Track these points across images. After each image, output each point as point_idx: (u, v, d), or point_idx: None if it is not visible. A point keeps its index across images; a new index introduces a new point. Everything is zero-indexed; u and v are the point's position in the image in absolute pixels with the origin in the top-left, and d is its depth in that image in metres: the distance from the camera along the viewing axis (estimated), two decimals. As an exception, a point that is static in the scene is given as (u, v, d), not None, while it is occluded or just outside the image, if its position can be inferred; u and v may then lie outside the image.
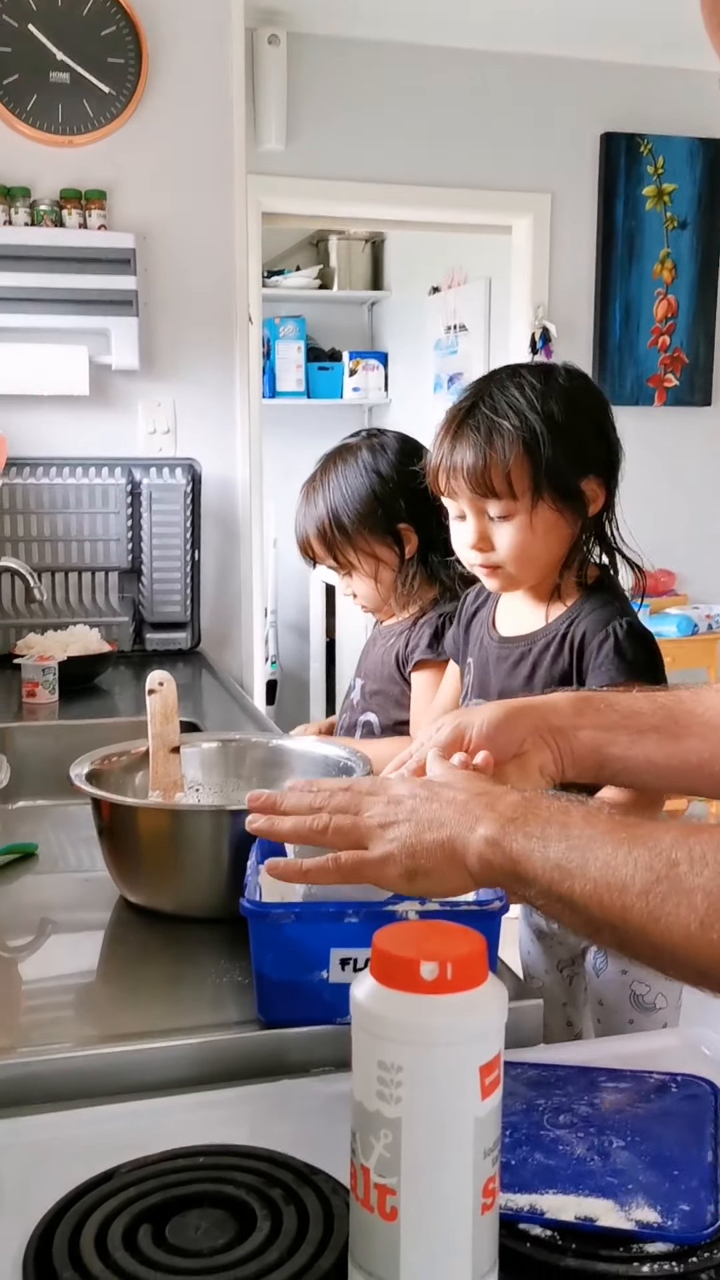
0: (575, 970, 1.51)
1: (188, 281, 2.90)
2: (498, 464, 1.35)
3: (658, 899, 0.71)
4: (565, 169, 3.88)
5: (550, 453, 1.35)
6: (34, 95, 2.72)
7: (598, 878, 0.74)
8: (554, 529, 1.39)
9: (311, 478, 1.80)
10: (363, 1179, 0.63)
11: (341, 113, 3.65)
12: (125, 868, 1.24)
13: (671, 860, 0.71)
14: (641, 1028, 1.41)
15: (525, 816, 0.81)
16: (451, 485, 1.40)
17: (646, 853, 0.73)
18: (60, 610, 2.78)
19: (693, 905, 0.70)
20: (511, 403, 1.37)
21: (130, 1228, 0.73)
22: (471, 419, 1.38)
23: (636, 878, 0.72)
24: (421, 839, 0.84)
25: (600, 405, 1.43)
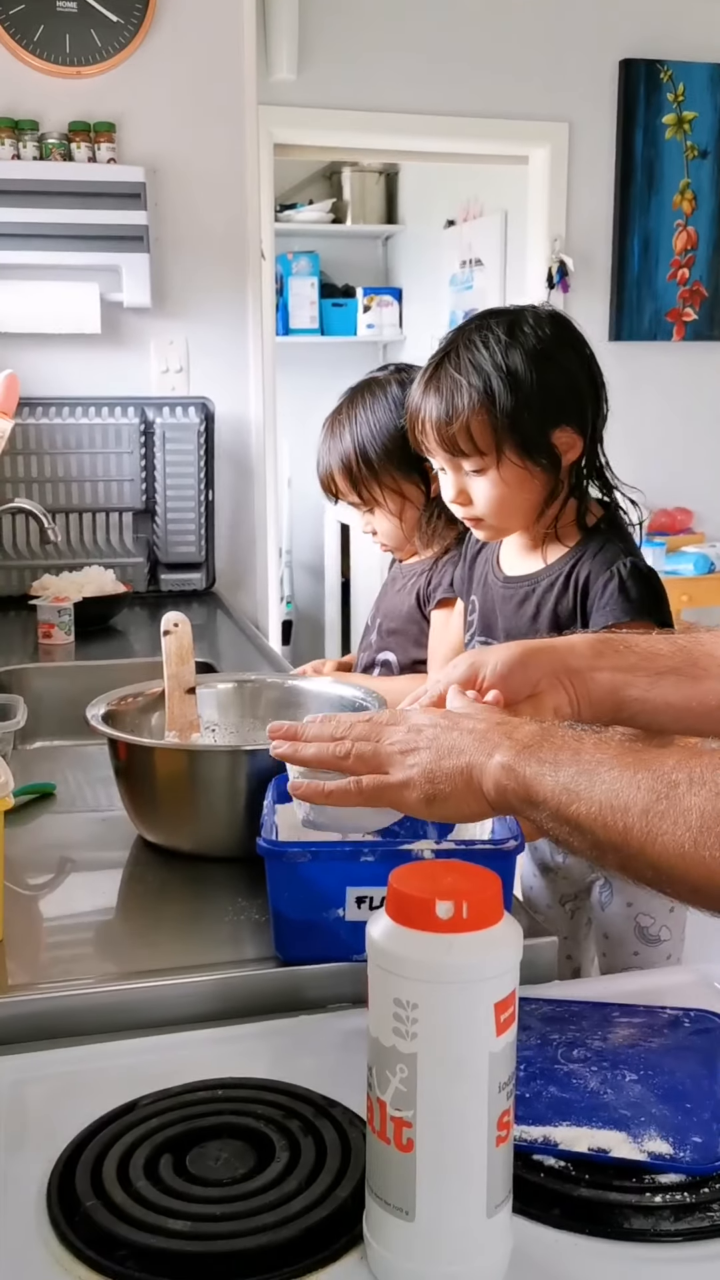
0: (578, 905, 1.52)
1: (199, 216, 2.86)
2: (460, 423, 1.36)
3: (656, 818, 0.73)
4: (583, 97, 3.79)
5: (510, 409, 1.34)
6: (41, 25, 2.67)
7: (602, 800, 0.76)
8: (527, 480, 1.39)
9: (336, 411, 1.77)
10: (379, 1112, 0.64)
11: (354, 41, 3.57)
12: (143, 807, 1.25)
13: (672, 781, 0.74)
14: (646, 960, 1.42)
15: (540, 744, 0.83)
16: (425, 442, 1.42)
17: (649, 775, 0.75)
18: (75, 551, 2.78)
19: (688, 823, 0.72)
20: (474, 359, 1.37)
21: (151, 1158, 0.74)
22: (437, 377, 1.40)
23: (638, 799, 0.74)
24: (440, 765, 0.87)
25: (575, 353, 1.41)
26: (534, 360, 1.36)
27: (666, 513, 4.02)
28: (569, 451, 1.40)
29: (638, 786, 0.75)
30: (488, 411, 1.35)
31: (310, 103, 3.57)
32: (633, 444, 3.95)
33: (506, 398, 1.35)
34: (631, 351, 3.94)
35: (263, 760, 1.17)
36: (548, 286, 3.86)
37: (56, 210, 2.66)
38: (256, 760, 1.17)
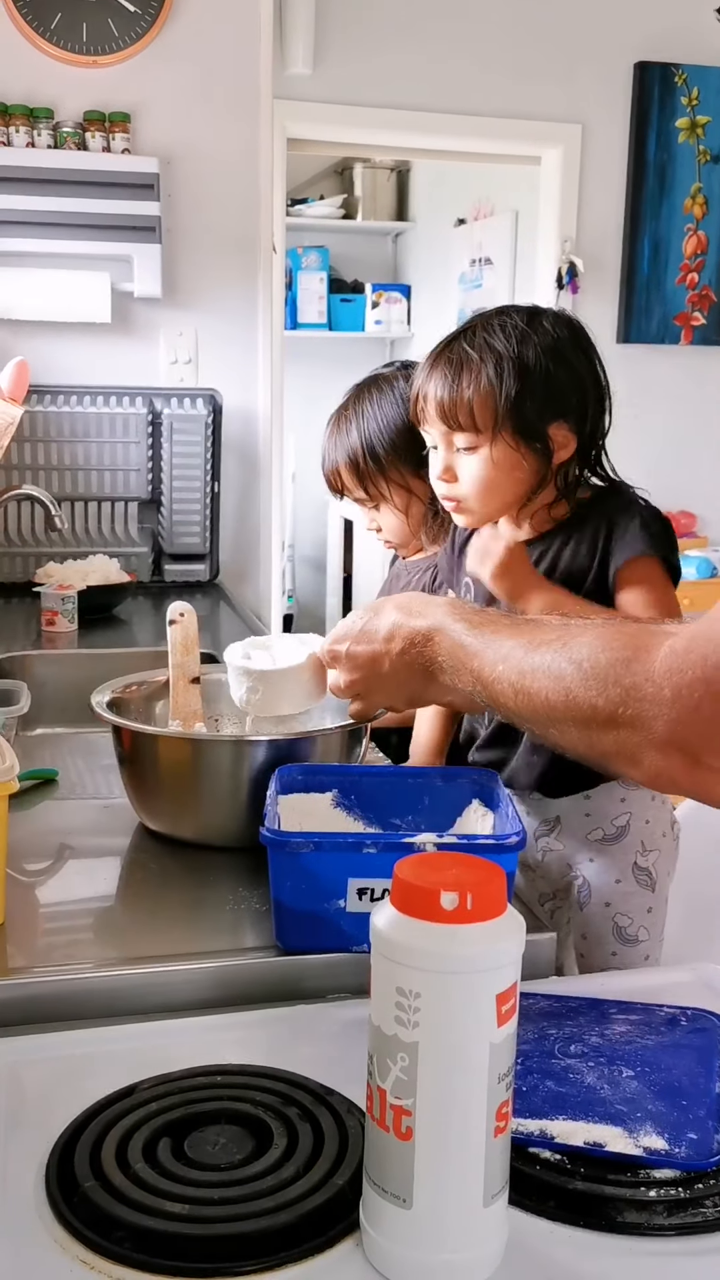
0: (558, 904, 1.52)
1: (211, 208, 2.86)
2: (464, 397, 1.38)
3: (530, 670, 0.89)
4: (597, 99, 3.79)
5: (515, 392, 1.36)
6: (59, 14, 2.67)
7: (488, 659, 0.95)
8: (516, 467, 1.40)
9: (343, 407, 1.77)
10: (379, 1100, 0.64)
11: (370, 38, 3.56)
12: (145, 796, 1.25)
13: (544, 641, 0.89)
14: (624, 960, 1.43)
15: (480, 625, 1.01)
16: (424, 414, 1.43)
17: (521, 648, 0.91)
18: (80, 540, 2.78)
19: (558, 677, 0.86)
20: (488, 340, 1.39)
21: (150, 1141, 0.75)
22: (449, 353, 1.41)
23: (512, 656, 0.91)
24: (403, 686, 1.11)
25: (585, 358, 1.43)
26: (545, 353, 1.38)
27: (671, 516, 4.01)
28: (562, 449, 1.40)
29: (504, 651, 0.94)
30: (492, 390, 1.36)
31: (324, 98, 3.56)
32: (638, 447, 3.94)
33: (512, 380, 1.36)
34: (639, 354, 3.94)
35: (265, 751, 1.17)
36: (557, 287, 3.86)
37: (70, 199, 2.66)
38: (259, 751, 1.17)
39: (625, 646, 0.82)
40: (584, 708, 0.83)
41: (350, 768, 1.23)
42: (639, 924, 1.43)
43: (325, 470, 1.77)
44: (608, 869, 1.43)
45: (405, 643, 1.08)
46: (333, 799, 1.14)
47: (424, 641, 1.06)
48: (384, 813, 1.14)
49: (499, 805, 1.07)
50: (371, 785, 1.15)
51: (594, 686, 0.82)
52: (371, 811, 1.14)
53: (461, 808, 1.13)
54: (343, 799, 1.14)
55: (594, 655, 0.84)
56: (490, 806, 1.11)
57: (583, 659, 0.84)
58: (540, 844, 1.47)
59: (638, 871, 1.43)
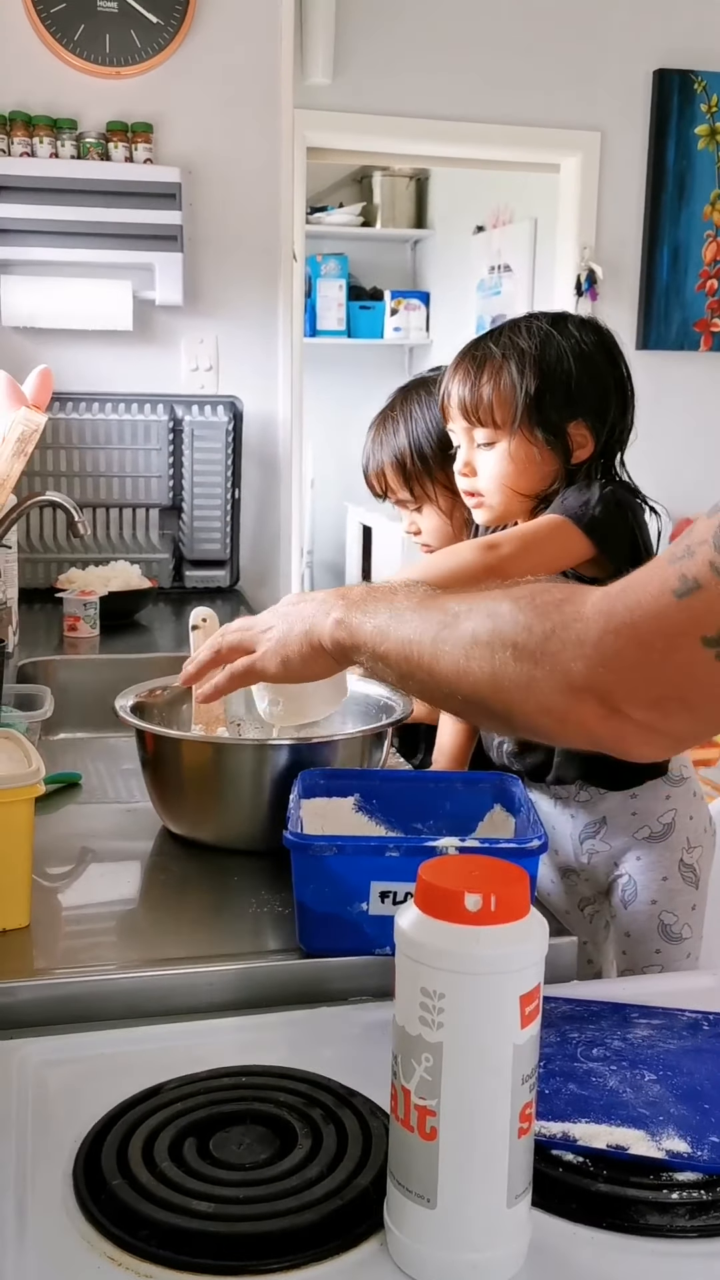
0: (597, 908, 1.53)
1: (232, 217, 2.88)
2: (483, 394, 1.42)
3: (440, 643, 0.87)
4: (616, 107, 3.79)
5: (534, 389, 1.39)
6: (81, 25, 2.69)
7: (404, 636, 0.91)
8: (532, 463, 1.42)
9: (388, 408, 1.78)
10: (403, 1100, 0.65)
11: (389, 46, 3.58)
12: (168, 799, 1.26)
13: (455, 613, 0.87)
14: (667, 958, 1.43)
15: (365, 599, 0.99)
16: (447, 411, 1.48)
17: (439, 612, 0.89)
18: (101, 546, 2.80)
19: (463, 645, 0.85)
20: (513, 340, 1.43)
21: (176, 1140, 0.76)
22: (474, 352, 1.46)
23: (428, 632, 0.88)
24: (291, 631, 1.05)
25: (610, 362, 1.45)
26: (567, 355, 1.41)
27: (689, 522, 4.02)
28: (580, 448, 1.42)
29: (429, 621, 0.89)
30: (512, 386, 1.40)
31: (344, 107, 3.58)
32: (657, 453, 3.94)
33: (532, 379, 1.39)
34: (658, 361, 3.94)
35: (288, 755, 1.18)
36: (576, 294, 3.87)
37: (92, 209, 2.68)
38: (282, 755, 1.18)
39: (561, 590, 0.82)
40: (509, 637, 0.81)
41: (372, 772, 1.24)
42: (684, 921, 1.44)
43: (369, 471, 1.77)
44: (654, 866, 1.44)
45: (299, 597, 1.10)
46: (354, 803, 1.15)
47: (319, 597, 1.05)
48: (405, 817, 1.15)
49: (520, 810, 1.08)
50: (393, 790, 1.16)
51: (527, 614, 0.81)
52: (393, 816, 1.15)
53: (483, 812, 1.14)
54: (364, 803, 1.15)
55: (532, 592, 0.83)
56: (512, 811, 1.11)
57: (520, 595, 0.84)
58: (586, 845, 1.48)
59: (683, 868, 1.44)
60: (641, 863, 1.45)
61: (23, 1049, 0.88)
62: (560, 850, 1.52)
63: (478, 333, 1.54)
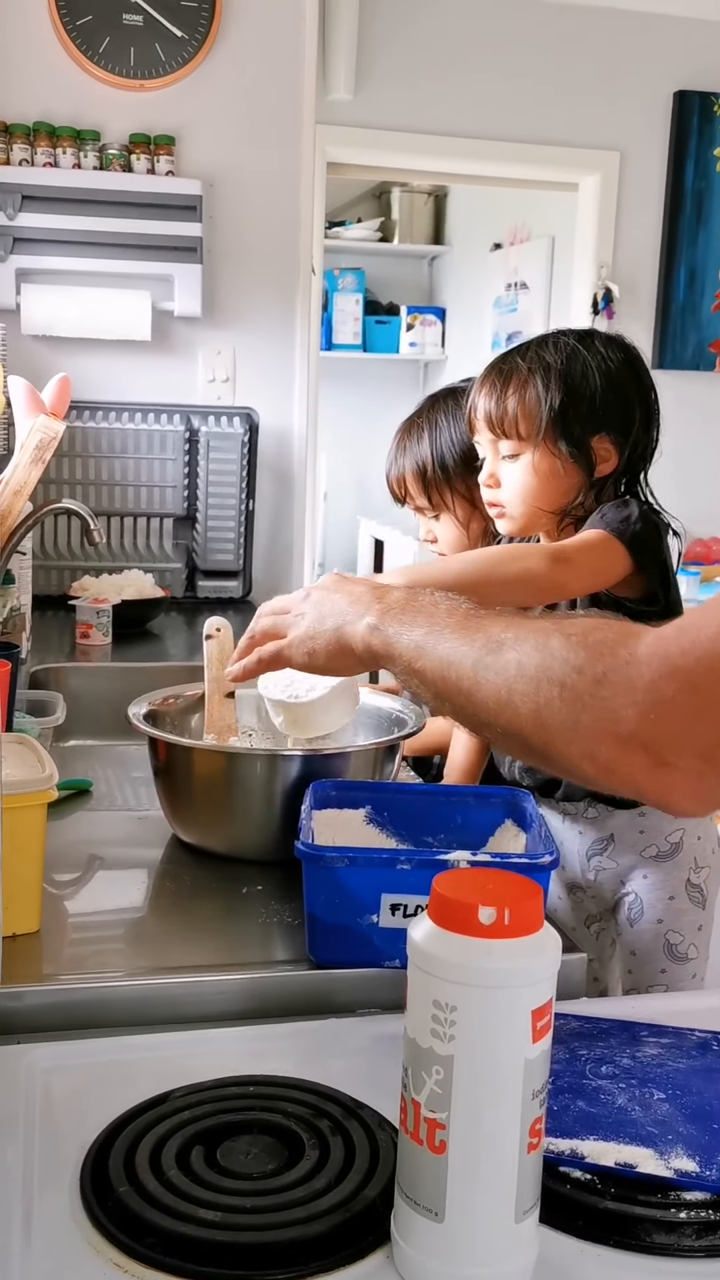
0: (603, 926, 1.52)
1: (252, 230, 2.89)
2: (509, 404, 1.43)
3: (481, 669, 0.83)
4: (636, 127, 3.81)
5: (559, 402, 1.41)
6: (107, 37, 2.71)
7: (442, 657, 0.87)
8: (555, 475, 1.43)
9: (415, 415, 1.79)
10: (413, 1112, 0.65)
11: (410, 63, 3.60)
12: (180, 807, 1.26)
13: (499, 641, 0.83)
14: (673, 977, 1.43)
15: (403, 607, 0.95)
16: (473, 423, 1.49)
17: (482, 635, 0.85)
18: (115, 554, 2.81)
19: (506, 676, 0.81)
20: (539, 354, 1.45)
21: (183, 1148, 0.75)
22: (502, 365, 1.47)
23: (469, 657, 0.85)
24: (321, 625, 1.02)
25: (634, 375, 1.47)
26: (593, 371, 1.42)
27: (702, 543, 4.01)
28: (604, 462, 1.43)
29: (471, 644, 0.85)
30: (537, 399, 1.41)
31: (365, 123, 3.60)
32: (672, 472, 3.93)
33: (557, 391, 1.41)
34: (673, 381, 3.93)
35: (300, 765, 1.18)
36: (592, 313, 3.88)
37: (113, 219, 2.70)
38: (294, 765, 1.18)
39: (614, 629, 0.79)
40: (557, 675, 0.77)
41: (384, 785, 1.24)
42: (689, 941, 1.43)
43: (390, 477, 1.78)
44: (661, 885, 1.44)
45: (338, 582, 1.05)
46: (365, 815, 1.15)
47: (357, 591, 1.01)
48: (416, 830, 1.15)
49: (532, 826, 1.08)
50: (404, 803, 1.16)
51: (579, 653, 0.77)
52: (404, 829, 1.15)
53: (494, 827, 1.14)
54: (375, 815, 1.15)
55: (585, 629, 0.79)
56: (523, 827, 1.11)
57: (572, 631, 0.80)
58: (593, 863, 1.48)
59: (690, 888, 1.44)
60: (648, 881, 1.45)
61: (30, 1054, 0.88)
62: (567, 867, 1.51)
63: (494, 349, 1.56)
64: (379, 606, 0.97)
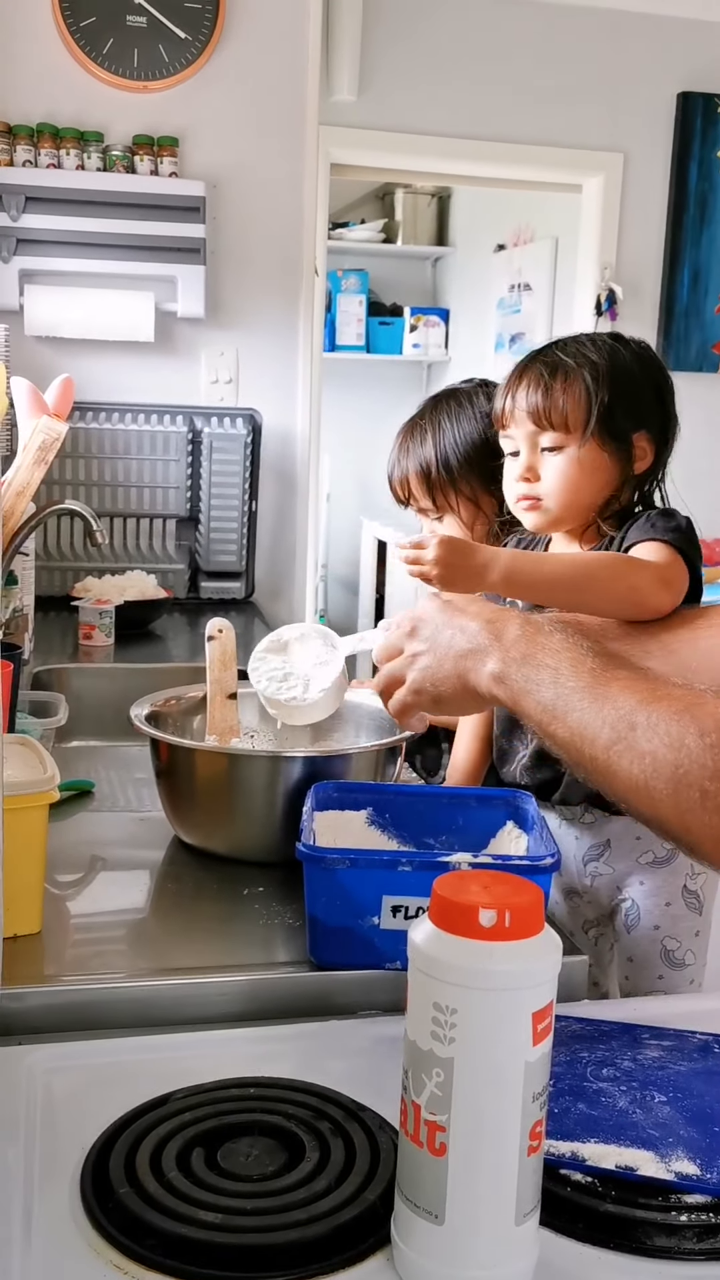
0: (601, 931, 1.52)
1: (255, 231, 2.90)
2: (557, 397, 1.43)
3: (616, 755, 0.84)
4: (639, 129, 3.81)
5: (608, 395, 1.42)
6: (110, 39, 2.72)
7: (574, 727, 0.88)
8: (598, 470, 1.44)
9: (418, 416, 1.78)
10: (413, 1115, 0.65)
11: (414, 64, 3.60)
12: (181, 809, 1.26)
13: (631, 723, 0.84)
14: (670, 984, 1.42)
15: (525, 655, 0.94)
16: (513, 417, 1.47)
17: (613, 712, 0.86)
18: (118, 555, 2.81)
19: (642, 766, 0.82)
20: (581, 349, 1.45)
21: (184, 1150, 0.75)
22: (543, 358, 1.47)
23: (602, 734, 0.86)
24: (440, 669, 1.00)
25: (663, 376, 1.49)
26: (633, 365, 1.44)
27: (706, 544, 4.01)
28: (641, 459, 1.45)
29: (603, 721, 0.86)
30: (587, 392, 1.41)
31: (368, 124, 3.60)
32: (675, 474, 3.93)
33: (606, 386, 1.42)
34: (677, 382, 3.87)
35: (302, 767, 1.18)
36: (596, 314, 3.88)
37: (117, 221, 2.70)
38: (295, 766, 1.18)
39: None
40: (696, 780, 0.79)
41: (385, 786, 1.24)
42: (686, 947, 1.43)
43: (393, 478, 1.77)
44: (657, 891, 1.43)
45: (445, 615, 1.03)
46: (367, 817, 1.15)
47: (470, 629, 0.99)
48: (418, 832, 1.15)
49: (533, 828, 1.08)
50: (406, 804, 1.16)
51: (717, 757, 0.78)
52: (405, 830, 1.15)
53: (495, 829, 1.14)
54: (377, 817, 1.15)
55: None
56: (524, 829, 1.11)
57: (709, 728, 0.80)
58: (589, 868, 1.47)
59: (687, 895, 1.43)
60: (645, 887, 1.45)
61: (31, 1055, 0.88)
62: (564, 871, 1.51)
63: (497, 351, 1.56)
64: (498, 650, 0.96)
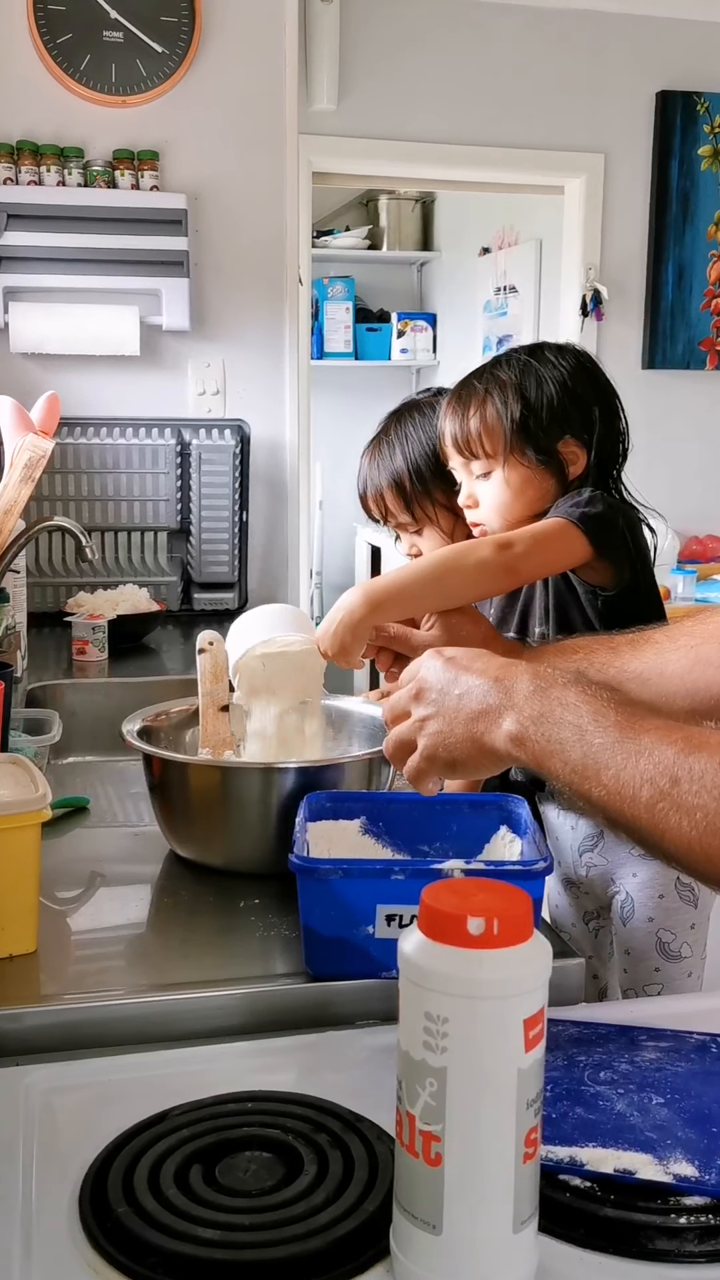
0: (602, 923, 1.53)
1: (238, 242, 2.90)
2: (471, 424, 1.49)
3: (662, 814, 0.80)
4: (620, 129, 3.82)
5: (518, 415, 1.47)
6: (88, 55, 2.72)
7: (610, 787, 0.83)
8: (529, 484, 1.49)
9: (382, 432, 1.79)
10: (408, 1125, 0.65)
11: (393, 71, 3.61)
12: (176, 823, 1.26)
13: (674, 777, 0.79)
14: (667, 976, 1.43)
15: (542, 714, 0.88)
16: (443, 448, 1.55)
17: (652, 767, 0.81)
18: (110, 570, 2.81)
19: (693, 822, 0.78)
20: (494, 373, 1.51)
21: (182, 1167, 0.75)
22: (461, 391, 1.54)
23: (643, 792, 0.81)
24: (452, 733, 0.94)
25: (589, 378, 1.52)
26: (547, 380, 1.48)
27: (698, 540, 4.01)
28: (573, 464, 1.49)
29: (642, 778, 0.81)
30: (497, 416, 1.47)
31: (349, 132, 3.61)
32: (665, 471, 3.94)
33: (516, 405, 1.47)
34: (664, 379, 3.95)
35: (295, 778, 1.18)
36: (581, 314, 3.88)
37: (99, 236, 2.70)
38: (289, 778, 1.18)
39: None
40: None
41: (378, 794, 1.24)
42: (682, 940, 1.43)
43: (368, 496, 1.77)
44: (650, 884, 1.44)
45: (449, 673, 0.96)
46: (360, 826, 1.15)
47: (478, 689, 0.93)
48: (412, 839, 1.15)
49: (526, 832, 1.08)
50: (399, 812, 1.16)
51: None
52: (399, 838, 1.15)
53: (489, 835, 1.14)
54: (371, 826, 1.15)
55: None
56: (518, 833, 1.11)
57: None
58: (584, 859, 1.48)
59: (680, 887, 1.43)
60: (638, 880, 1.45)
61: (29, 1075, 0.88)
62: (562, 861, 1.52)
63: (485, 354, 1.60)
64: (512, 709, 0.90)
